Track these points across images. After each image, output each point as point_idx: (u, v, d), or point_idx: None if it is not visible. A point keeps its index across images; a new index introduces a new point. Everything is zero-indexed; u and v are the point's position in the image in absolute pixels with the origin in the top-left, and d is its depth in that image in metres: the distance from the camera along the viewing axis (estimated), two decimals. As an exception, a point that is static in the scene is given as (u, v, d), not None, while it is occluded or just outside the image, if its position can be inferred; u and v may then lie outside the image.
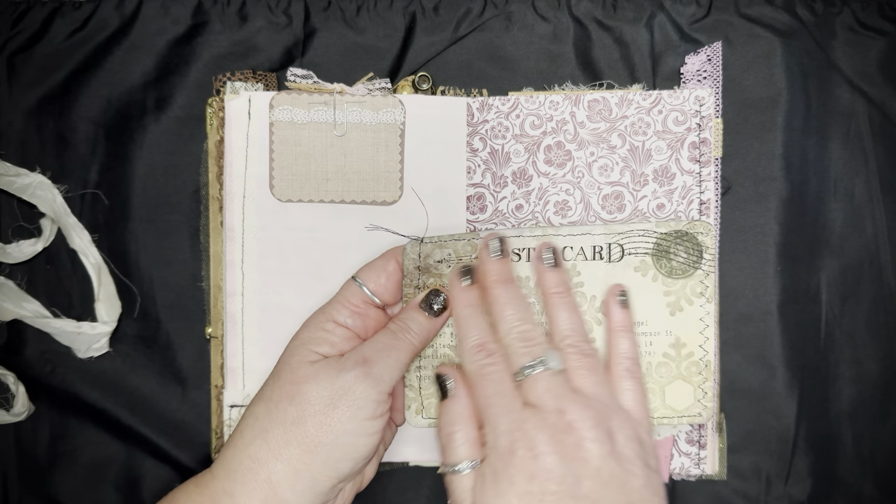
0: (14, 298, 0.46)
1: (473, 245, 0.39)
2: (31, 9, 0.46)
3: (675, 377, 0.39)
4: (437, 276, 0.40)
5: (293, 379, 0.37)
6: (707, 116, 0.45)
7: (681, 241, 0.39)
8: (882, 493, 0.46)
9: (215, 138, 0.46)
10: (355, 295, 0.39)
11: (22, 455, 0.47)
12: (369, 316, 0.39)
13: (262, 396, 0.38)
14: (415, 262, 0.40)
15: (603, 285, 0.39)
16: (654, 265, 0.39)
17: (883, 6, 0.47)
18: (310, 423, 0.36)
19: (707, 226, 0.39)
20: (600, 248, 0.39)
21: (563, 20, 0.47)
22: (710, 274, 0.39)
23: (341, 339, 0.38)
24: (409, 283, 0.40)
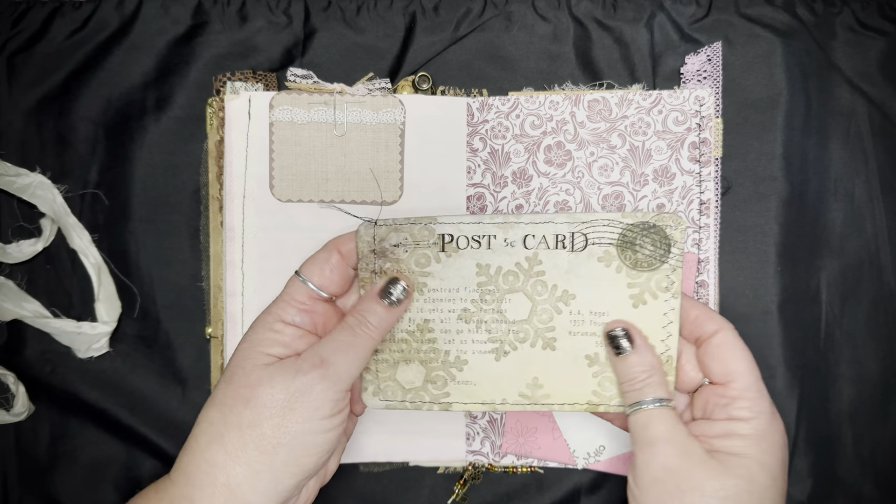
0: (14, 298, 0.46)
1: (430, 230, 0.39)
2: (31, 9, 0.46)
3: None
4: (395, 260, 0.39)
5: (247, 382, 0.36)
6: (707, 116, 0.45)
7: (647, 233, 0.38)
8: (882, 493, 0.46)
9: (215, 138, 0.46)
10: (300, 291, 0.38)
11: (22, 455, 0.47)
12: (317, 311, 0.38)
13: (214, 401, 0.37)
14: (369, 244, 0.39)
15: (565, 275, 0.39)
16: (619, 256, 0.38)
17: (883, 6, 0.47)
18: (266, 426, 0.35)
19: (677, 219, 0.38)
20: (563, 237, 0.39)
21: (563, 20, 0.47)
22: (676, 269, 0.38)
23: (292, 338, 0.37)
24: (365, 266, 0.39)
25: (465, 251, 0.39)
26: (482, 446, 0.47)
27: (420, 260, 0.40)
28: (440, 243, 0.39)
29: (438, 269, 0.40)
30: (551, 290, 0.39)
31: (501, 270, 0.39)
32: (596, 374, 0.39)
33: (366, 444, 0.46)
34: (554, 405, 0.40)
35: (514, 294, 0.39)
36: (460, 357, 0.40)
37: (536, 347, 0.40)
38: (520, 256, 0.39)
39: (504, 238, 0.39)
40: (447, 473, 0.47)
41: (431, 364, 0.40)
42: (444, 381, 0.40)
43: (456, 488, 0.47)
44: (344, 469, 0.47)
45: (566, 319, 0.39)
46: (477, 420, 0.47)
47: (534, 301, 0.39)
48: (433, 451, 0.47)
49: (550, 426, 0.46)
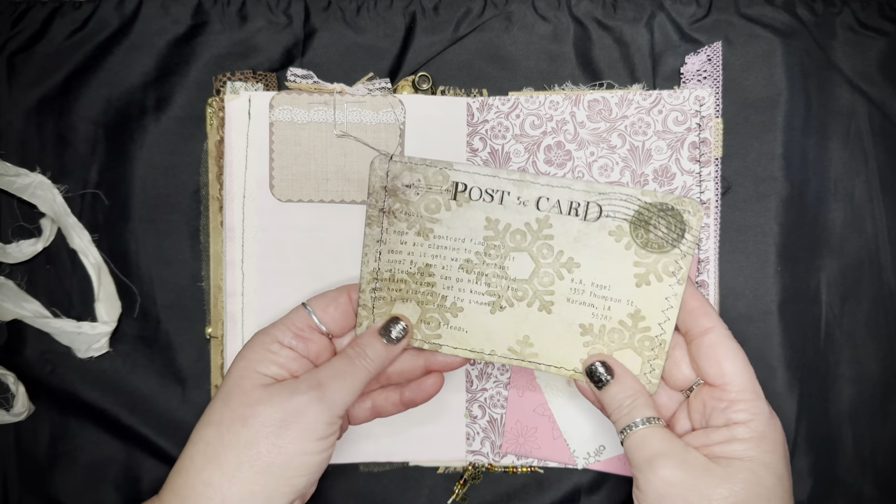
0: (14, 298, 0.46)
1: (445, 175, 0.39)
2: (31, 9, 0.46)
3: (626, 346, 0.39)
4: (405, 201, 0.39)
5: (246, 402, 0.36)
6: (707, 116, 0.45)
7: (664, 215, 0.38)
8: (882, 493, 0.46)
9: (215, 138, 0.46)
10: (301, 319, 0.39)
11: (22, 455, 0.47)
12: (313, 341, 0.39)
13: (210, 420, 0.37)
14: (381, 180, 0.39)
15: (573, 242, 0.39)
16: (631, 233, 0.38)
17: (883, 6, 0.47)
18: (262, 445, 0.35)
19: (696, 205, 0.37)
20: (577, 204, 0.38)
21: (563, 20, 0.47)
22: (687, 255, 0.38)
23: (287, 360, 0.38)
24: (374, 203, 0.40)
25: (476, 203, 0.39)
26: (482, 446, 0.47)
27: (430, 205, 0.39)
28: (453, 191, 0.39)
29: (447, 217, 0.40)
30: (557, 254, 0.39)
31: (510, 228, 0.39)
32: (587, 343, 0.40)
33: (366, 444, 0.46)
34: (540, 365, 0.40)
35: (518, 253, 0.39)
36: (456, 304, 0.40)
37: (533, 308, 0.40)
38: (530, 217, 0.39)
39: (518, 196, 0.39)
40: (447, 473, 0.47)
41: (427, 305, 0.40)
42: (438, 324, 0.41)
43: (456, 488, 0.47)
44: (344, 469, 0.47)
45: (566, 286, 0.39)
46: (477, 420, 0.47)
47: (537, 263, 0.39)
48: (433, 451, 0.47)
49: (550, 426, 0.46)
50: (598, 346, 0.39)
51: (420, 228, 0.40)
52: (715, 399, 0.37)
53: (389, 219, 0.40)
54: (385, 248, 0.40)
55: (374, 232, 0.40)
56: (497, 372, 0.47)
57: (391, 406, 0.42)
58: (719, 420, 0.37)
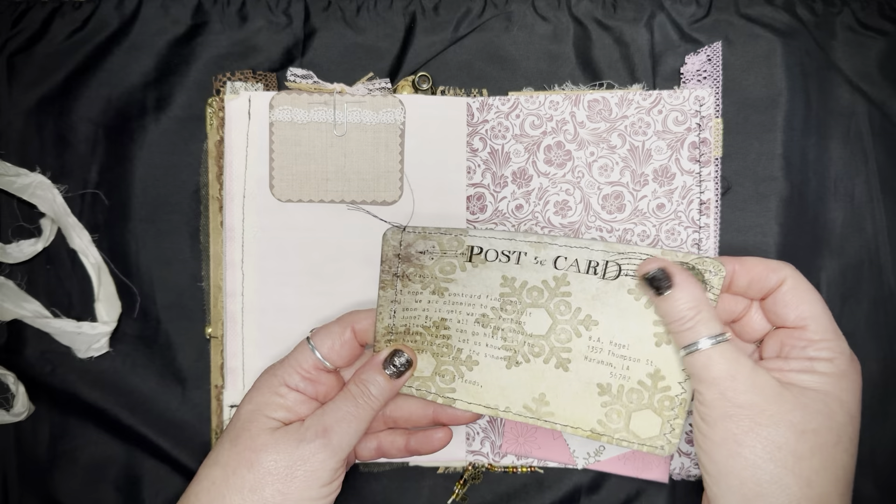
0: (14, 298, 0.46)
1: (460, 241, 0.39)
2: (31, 9, 0.46)
3: (646, 406, 0.38)
4: (419, 266, 0.39)
5: (252, 446, 0.37)
6: (707, 116, 0.45)
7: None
8: (882, 493, 0.46)
9: (215, 138, 0.46)
10: (307, 360, 0.39)
11: (22, 455, 0.47)
12: (321, 381, 0.39)
13: (217, 461, 0.37)
14: (395, 249, 0.39)
15: (591, 300, 0.38)
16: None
17: (883, 6, 0.47)
18: (268, 491, 0.36)
19: (717, 265, 0.37)
20: (596, 264, 0.38)
21: (563, 20, 0.47)
22: None
23: (295, 403, 0.38)
24: (388, 269, 0.40)
25: (492, 263, 0.39)
26: (482, 446, 0.47)
27: (445, 268, 0.40)
28: (468, 254, 0.39)
29: (463, 277, 0.40)
30: (574, 311, 0.39)
31: (527, 285, 0.39)
32: (605, 404, 0.39)
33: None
34: (557, 424, 0.39)
35: (535, 309, 0.39)
36: (472, 357, 0.40)
37: (549, 364, 0.39)
38: (548, 275, 0.39)
39: (535, 256, 0.39)
40: (447, 473, 0.47)
41: (442, 358, 0.40)
42: (453, 377, 0.40)
43: (456, 488, 0.47)
44: (344, 469, 0.47)
45: (584, 344, 0.39)
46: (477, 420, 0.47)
47: (555, 319, 0.39)
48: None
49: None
50: (616, 406, 0.39)
51: (435, 288, 0.40)
52: (794, 338, 0.36)
53: (404, 281, 0.40)
54: (400, 307, 0.40)
55: (389, 294, 0.40)
56: (497, 372, 0.47)
57: (396, 450, 0.42)
58: (798, 356, 0.36)
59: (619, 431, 0.39)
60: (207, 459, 0.38)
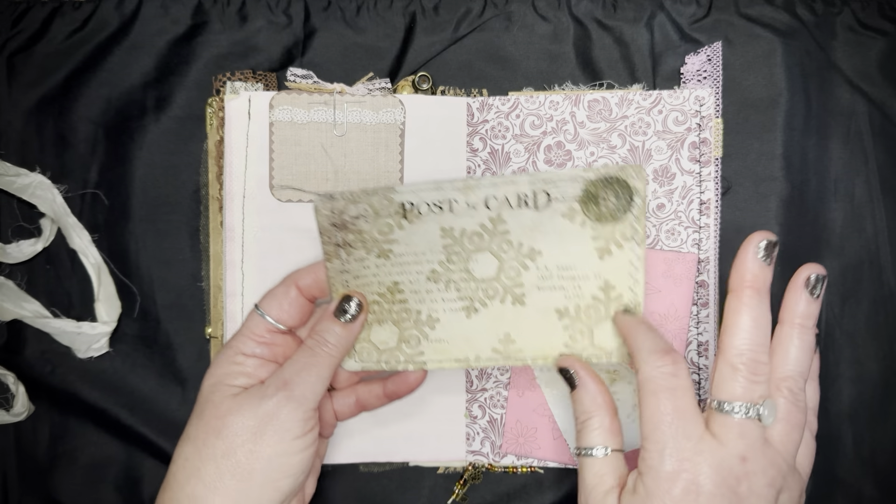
0: (14, 298, 0.46)
1: (389, 199, 0.39)
2: (31, 9, 0.46)
3: (604, 318, 0.39)
4: (357, 231, 0.40)
5: (217, 414, 0.37)
6: (707, 116, 0.45)
7: (610, 186, 0.37)
8: (882, 493, 0.46)
9: (215, 138, 0.46)
10: (259, 325, 0.39)
11: (22, 455, 0.47)
12: (276, 343, 0.39)
13: (187, 436, 0.37)
14: (329, 218, 0.39)
15: (530, 232, 0.39)
16: (583, 211, 0.38)
17: (883, 6, 0.47)
18: (240, 454, 0.36)
19: (638, 169, 0.37)
20: (525, 196, 0.38)
21: (563, 20, 0.47)
22: (640, 217, 0.38)
23: (254, 368, 0.38)
24: (328, 240, 0.40)
25: (426, 216, 0.39)
26: (482, 446, 0.47)
27: (382, 229, 0.39)
28: (401, 212, 0.39)
29: (403, 236, 0.39)
30: (517, 247, 0.39)
31: (466, 232, 0.39)
32: (566, 326, 0.39)
33: (366, 444, 0.46)
34: (527, 359, 0.40)
35: (480, 253, 0.39)
36: (432, 315, 0.40)
37: (506, 304, 0.40)
38: (483, 217, 0.39)
39: (466, 201, 0.39)
40: (447, 473, 0.47)
41: (404, 324, 0.40)
42: (418, 340, 0.40)
43: (456, 488, 0.47)
44: (344, 469, 0.47)
45: (534, 275, 0.39)
46: (477, 420, 0.47)
47: (500, 259, 0.39)
48: (433, 451, 0.47)
49: (550, 426, 0.46)
50: (577, 326, 0.39)
51: (379, 251, 0.40)
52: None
53: (347, 250, 0.40)
54: (350, 276, 0.40)
55: (335, 265, 0.40)
56: (497, 372, 0.47)
57: (375, 399, 0.42)
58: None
59: (585, 349, 0.39)
60: (179, 440, 0.38)
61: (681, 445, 0.33)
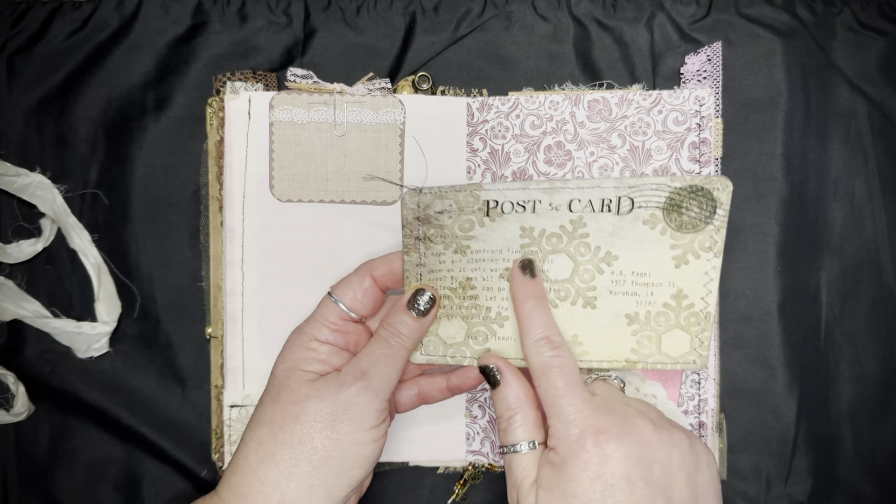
0: (14, 298, 0.46)
1: (475, 196, 0.39)
2: (31, 9, 0.46)
3: (674, 326, 0.40)
4: (438, 226, 0.40)
5: (294, 399, 0.37)
6: (707, 116, 0.45)
7: (695, 196, 0.38)
8: (882, 493, 0.46)
9: (215, 138, 0.46)
10: (332, 312, 0.39)
11: (22, 455, 0.47)
12: (349, 331, 0.40)
13: (261, 420, 0.37)
14: (414, 212, 0.40)
15: (609, 237, 0.39)
16: (665, 219, 0.39)
17: (883, 6, 0.47)
18: (317, 440, 0.36)
19: (724, 181, 0.38)
20: (609, 201, 0.39)
21: (563, 20, 0.47)
22: (721, 229, 0.38)
23: (328, 355, 0.39)
24: (409, 233, 0.40)
25: (509, 215, 0.39)
26: (482, 446, 0.47)
27: (464, 225, 0.40)
28: (485, 209, 0.40)
29: (482, 233, 0.40)
30: (594, 251, 0.39)
31: (545, 233, 0.40)
32: (635, 332, 0.40)
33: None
34: (592, 362, 0.40)
35: (556, 255, 0.40)
36: (501, 313, 0.40)
37: (577, 306, 0.40)
38: (564, 219, 0.39)
39: (550, 202, 0.39)
40: (447, 473, 0.47)
41: (473, 320, 0.41)
42: (486, 337, 0.41)
43: (456, 488, 0.47)
44: (344, 469, 0.47)
45: (607, 279, 0.40)
46: (477, 420, 0.47)
47: (576, 262, 0.40)
48: (433, 451, 0.47)
49: (550, 426, 0.46)
50: (645, 332, 0.40)
51: (457, 247, 0.40)
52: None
53: (426, 244, 0.40)
54: (425, 270, 0.41)
55: (413, 258, 0.40)
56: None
57: (438, 392, 0.42)
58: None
59: (651, 355, 0.40)
60: (250, 423, 0.38)
61: (580, 410, 0.36)
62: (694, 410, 0.45)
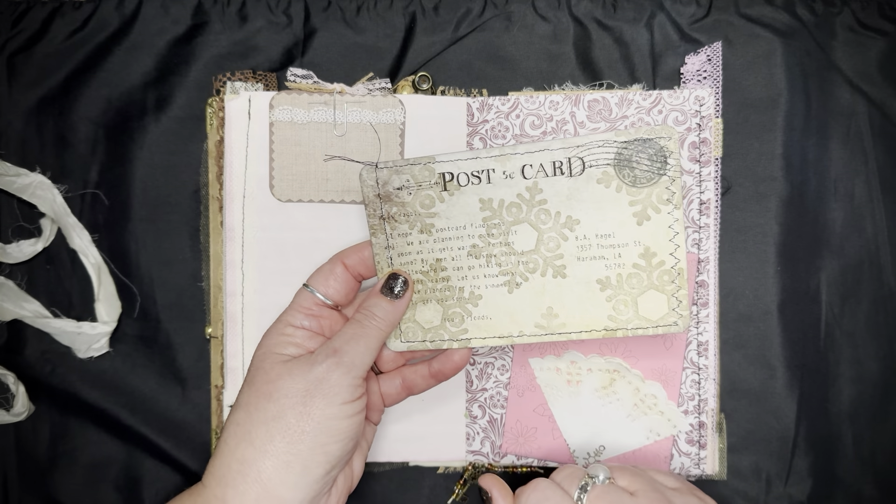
0: (14, 298, 0.46)
1: (430, 169, 0.40)
2: (31, 9, 0.46)
3: (647, 287, 0.39)
4: (400, 203, 0.40)
5: (268, 379, 0.38)
6: (707, 116, 0.45)
7: (643, 148, 0.38)
8: (882, 493, 0.46)
9: (215, 138, 0.46)
10: (307, 300, 0.40)
11: (22, 455, 0.47)
12: (324, 317, 0.40)
13: (239, 403, 0.38)
14: (373, 189, 0.40)
15: (566, 201, 0.39)
16: (617, 175, 0.38)
17: (883, 6, 0.47)
18: (290, 416, 0.36)
19: (670, 129, 0.38)
20: (560, 163, 0.39)
21: (563, 20, 0.47)
22: (675, 179, 0.38)
23: (304, 339, 0.39)
24: (373, 213, 0.40)
25: (466, 188, 0.40)
26: (482, 446, 0.47)
27: (424, 201, 0.40)
28: (441, 182, 0.40)
29: (443, 209, 0.40)
30: (555, 217, 0.40)
31: (504, 203, 0.40)
32: (609, 297, 0.40)
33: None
34: (571, 333, 0.40)
35: (519, 225, 0.40)
36: (474, 292, 0.41)
37: (547, 276, 0.40)
38: (520, 187, 0.39)
39: (503, 170, 0.39)
40: (447, 473, 0.47)
41: (448, 302, 0.41)
42: (462, 318, 0.41)
43: (456, 488, 0.47)
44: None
45: (573, 245, 0.40)
46: (477, 420, 0.47)
47: (539, 230, 0.40)
48: (433, 451, 0.47)
49: (550, 426, 0.46)
50: (620, 297, 0.40)
51: (422, 226, 0.40)
52: None
53: (391, 223, 0.40)
54: (395, 253, 0.41)
55: (380, 240, 0.41)
56: (497, 372, 0.47)
57: (421, 380, 0.42)
58: None
59: (630, 321, 0.40)
60: (231, 409, 0.39)
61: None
62: (694, 410, 0.46)
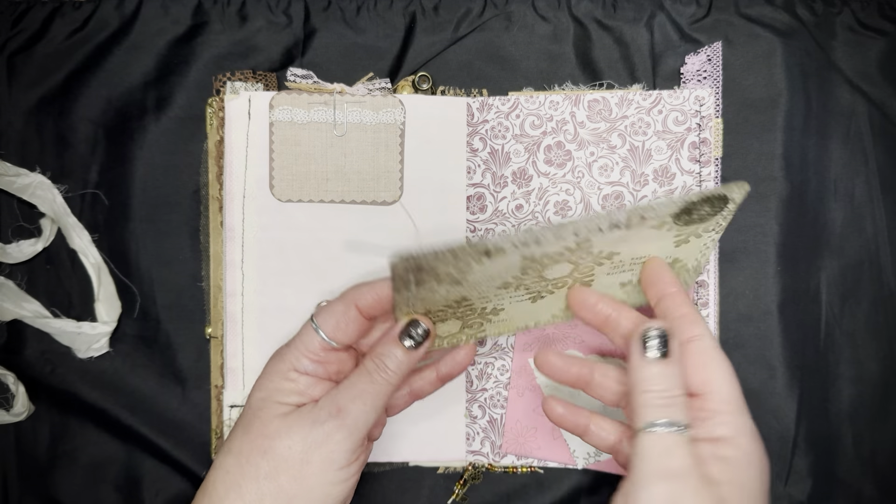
0: (14, 298, 0.46)
1: (477, 255, 0.35)
2: (31, 9, 0.46)
3: None
4: (432, 270, 0.35)
5: (265, 433, 0.36)
6: (707, 116, 0.45)
7: (708, 201, 0.36)
8: (882, 493, 0.46)
9: (215, 138, 0.46)
10: (313, 341, 0.37)
11: (22, 455, 0.47)
12: (330, 361, 0.38)
13: (230, 449, 0.36)
14: (405, 272, 0.35)
15: (613, 244, 0.37)
16: (673, 221, 0.36)
17: (883, 6, 0.47)
18: (283, 478, 0.35)
19: (743, 187, 0.36)
20: (619, 222, 0.35)
21: (563, 20, 0.47)
22: (728, 216, 0.37)
23: (307, 386, 0.37)
24: (398, 276, 0.35)
25: (510, 252, 0.35)
26: (482, 446, 0.47)
27: (462, 267, 0.35)
28: (485, 252, 0.35)
29: (481, 269, 0.36)
30: (596, 254, 0.37)
31: (547, 254, 0.36)
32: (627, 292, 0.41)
33: (366, 444, 0.46)
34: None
35: (557, 265, 0.37)
36: (497, 308, 0.39)
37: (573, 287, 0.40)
38: (569, 242, 0.36)
39: (554, 234, 0.35)
40: (447, 473, 0.47)
41: (468, 318, 0.39)
42: (481, 325, 0.40)
43: (456, 488, 0.47)
44: (344, 469, 0.47)
45: (606, 268, 0.38)
46: (477, 420, 0.47)
47: (576, 264, 0.37)
48: (433, 451, 0.47)
49: (550, 426, 0.46)
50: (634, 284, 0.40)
51: (452, 281, 0.36)
52: (695, 409, 0.34)
53: (418, 285, 0.36)
54: (417, 300, 0.37)
55: (403, 296, 0.37)
56: (497, 372, 0.47)
57: (429, 385, 0.41)
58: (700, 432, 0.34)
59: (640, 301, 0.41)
60: (221, 448, 0.37)
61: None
62: (694, 410, 0.45)
